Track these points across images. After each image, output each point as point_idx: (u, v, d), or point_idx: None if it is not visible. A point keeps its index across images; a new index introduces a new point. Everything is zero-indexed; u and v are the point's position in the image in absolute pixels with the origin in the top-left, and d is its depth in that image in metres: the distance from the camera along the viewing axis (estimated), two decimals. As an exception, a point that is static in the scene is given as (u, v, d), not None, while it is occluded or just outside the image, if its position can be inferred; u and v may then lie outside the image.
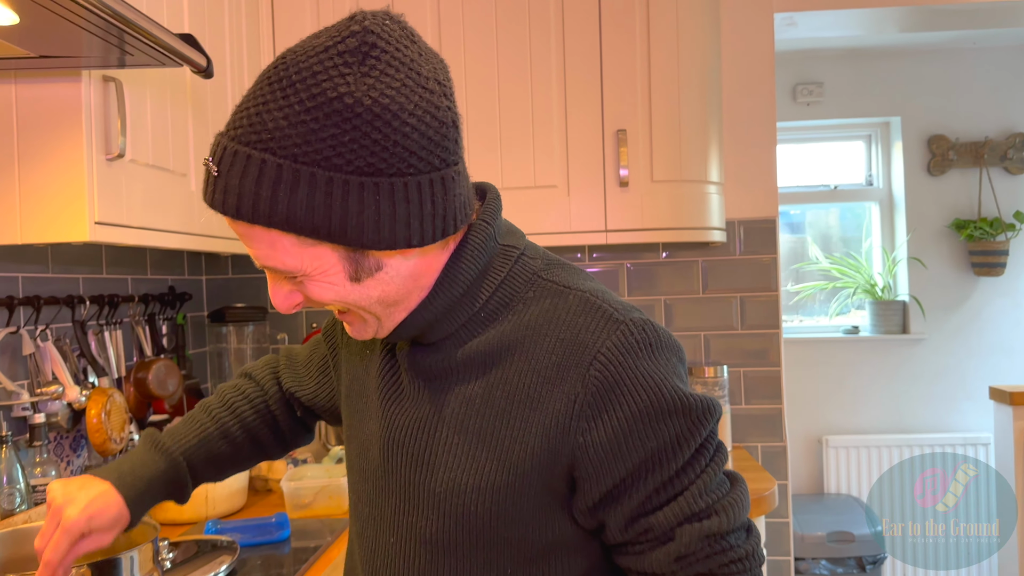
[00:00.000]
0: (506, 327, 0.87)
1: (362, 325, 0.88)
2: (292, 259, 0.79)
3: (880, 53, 3.82)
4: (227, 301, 2.62)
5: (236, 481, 1.91)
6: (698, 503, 0.82)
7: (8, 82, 1.42)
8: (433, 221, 0.79)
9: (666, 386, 0.82)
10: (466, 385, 0.87)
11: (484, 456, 0.84)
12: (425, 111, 0.77)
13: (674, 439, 0.82)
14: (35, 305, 1.74)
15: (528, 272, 0.90)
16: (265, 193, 0.75)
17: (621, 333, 0.83)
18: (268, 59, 2.23)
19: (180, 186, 1.75)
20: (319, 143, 0.74)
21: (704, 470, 0.84)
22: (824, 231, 4.12)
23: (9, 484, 1.57)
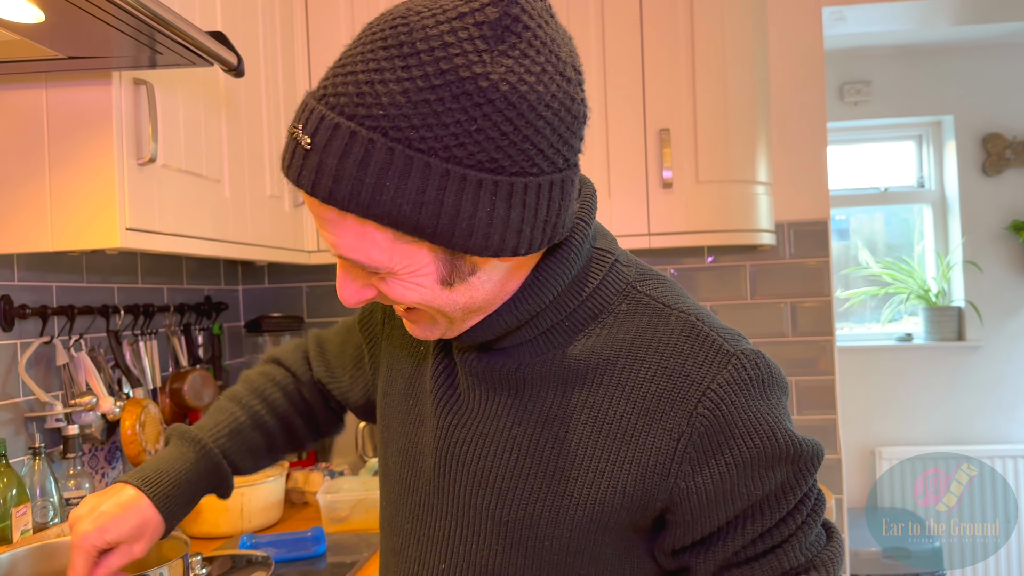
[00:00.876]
0: (595, 342, 0.77)
1: (430, 326, 0.78)
2: (382, 255, 0.69)
3: (930, 50, 3.69)
4: (263, 311, 2.59)
5: (272, 494, 1.87)
6: (796, 558, 0.77)
7: (39, 86, 1.39)
8: (544, 229, 0.70)
9: (780, 430, 0.75)
10: (542, 403, 0.78)
11: (563, 487, 0.76)
12: (561, 104, 0.67)
13: (780, 487, 0.76)
14: (69, 315, 1.71)
15: (622, 282, 0.80)
16: (370, 180, 0.64)
17: (733, 368, 0.74)
18: (302, 59, 2.20)
19: (214, 192, 1.71)
20: (441, 129, 0.63)
21: (805, 521, 0.77)
22: (870, 237, 3.99)
23: (42, 497, 1.54)
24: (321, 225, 0.70)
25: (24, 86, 1.39)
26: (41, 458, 1.55)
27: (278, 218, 2.05)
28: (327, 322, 2.59)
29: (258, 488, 1.83)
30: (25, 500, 1.47)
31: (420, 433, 0.87)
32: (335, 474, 2.15)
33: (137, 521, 0.93)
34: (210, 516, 1.79)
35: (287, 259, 2.12)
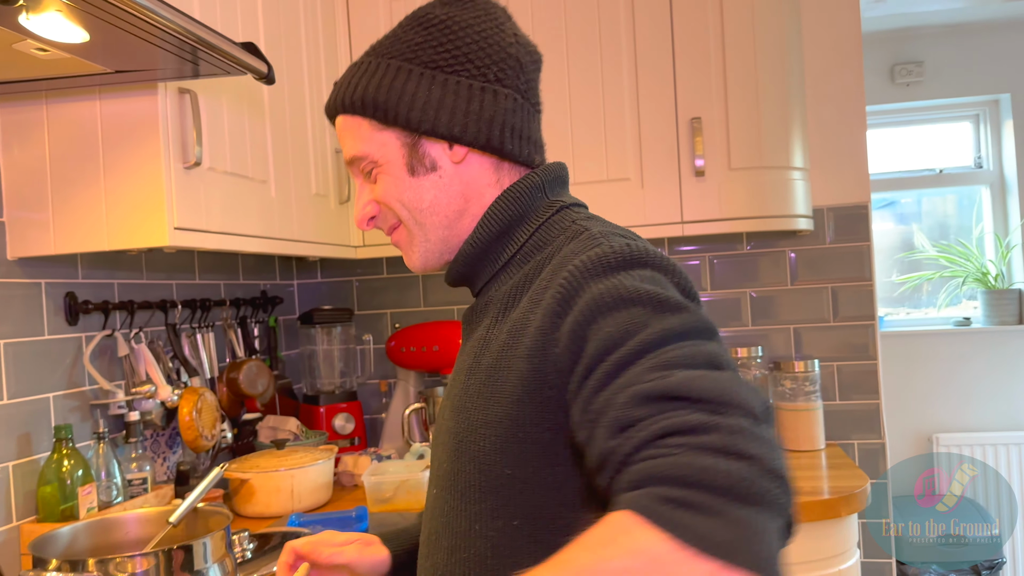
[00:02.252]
0: (529, 267, 0.91)
1: (409, 244, 0.98)
2: (365, 144, 0.96)
3: (984, 27, 3.60)
4: (316, 304, 2.70)
5: (320, 475, 1.97)
6: (648, 375, 0.67)
7: (93, 98, 1.51)
8: (478, 123, 0.93)
9: (631, 283, 0.75)
10: (487, 329, 0.92)
11: (489, 391, 0.85)
12: (488, 34, 0.94)
13: (634, 327, 0.71)
14: (129, 309, 1.84)
15: (567, 220, 0.93)
16: (354, 81, 0.96)
17: (598, 249, 0.81)
18: (345, 65, 2.29)
19: (260, 192, 1.82)
20: (401, 45, 0.94)
21: (668, 354, 0.69)
22: (942, 219, 3.91)
23: (107, 478, 1.67)
24: (341, 142, 0.99)
25: (79, 99, 1.51)
26: (105, 442, 1.67)
27: (324, 215, 2.15)
28: (376, 314, 2.70)
29: (308, 470, 1.93)
30: (90, 480, 1.59)
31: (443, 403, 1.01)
32: (382, 458, 2.25)
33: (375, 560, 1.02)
34: (263, 497, 1.90)
35: (334, 254, 2.22)
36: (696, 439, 0.61)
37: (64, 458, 1.57)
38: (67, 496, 1.56)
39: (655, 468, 0.60)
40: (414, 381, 2.50)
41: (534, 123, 0.99)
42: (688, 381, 0.65)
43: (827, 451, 2.38)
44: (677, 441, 0.61)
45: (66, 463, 1.57)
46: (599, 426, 0.69)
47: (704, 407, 0.63)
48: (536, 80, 1.00)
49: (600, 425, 0.69)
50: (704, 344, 0.71)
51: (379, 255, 2.36)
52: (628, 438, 0.64)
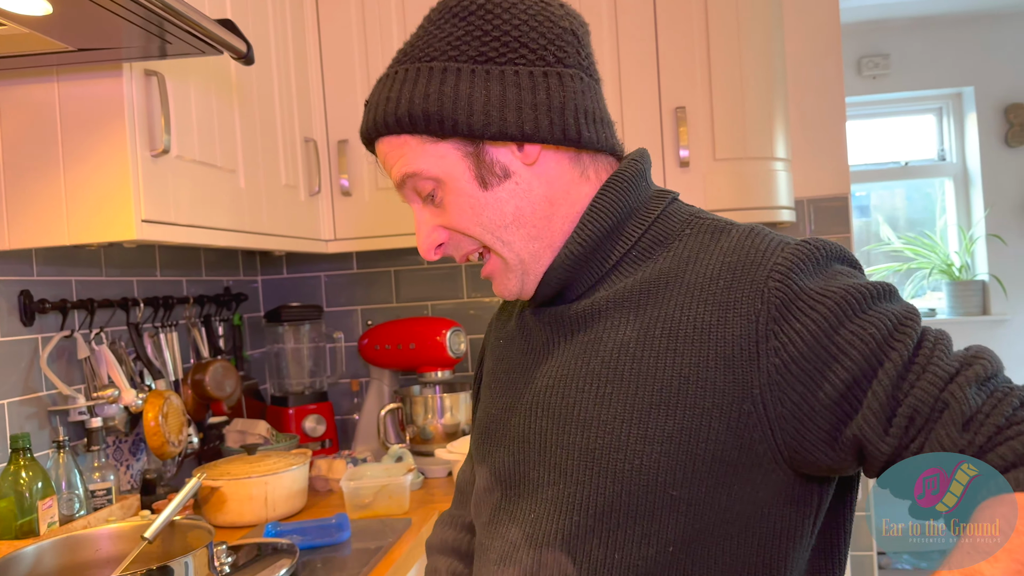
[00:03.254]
0: (663, 264, 0.81)
1: (504, 271, 0.86)
2: (420, 160, 0.83)
3: (949, 20, 3.63)
4: (282, 300, 2.59)
5: (295, 482, 1.87)
6: (950, 364, 0.70)
7: (50, 79, 1.39)
8: (549, 114, 0.81)
9: (850, 283, 0.74)
10: (618, 331, 0.80)
11: (647, 401, 0.75)
12: (536, 10, 0.82)
13: (892, 319, 0.72)
14: (89, 308, 1.72)
15: (685, 213, 0.86)
16: (392, 95, 0.83)
17: (793, 247, 0.76)
18: (313, 46, 2.19)
19: (229, 182, 1.71)
20: (439, 42, 0.82)
21: (937, 341, 0.72)
22: (891, 213, 3.94)
23: (68, 489, 1.55)
24: (387, 170, 0.86)
25: (35, 80, 1.39)
26: (65, 451, 1.56)
27: (294, 208, 2.05)
28: (346, 311, 2.60)
29: (282, 476, 1.83)
30: (51, 493, 1.48)
31: (507, 404, 0.89)
32: (358, 461, 2.16)
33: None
34: (235, 505, 1.80)
35: (304, 248, 2.12)
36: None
37: (22, 469, 1.45)
38: (25, 510, 1.45)
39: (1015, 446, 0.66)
40: (388, 380, 2.41)
41: (602, 100, 0.88)
42: (985, 362, 0.70)
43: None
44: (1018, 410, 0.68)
45: (24, 475, 1.45)
46: (934, 426, 0.69)
47: (1008, 379, 0.71)
48: (591, 50, 0.89)
49: (937, 424, 0.69)
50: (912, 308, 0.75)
51: (350, 249, 2.27)
52: (979, 426, 0.67)
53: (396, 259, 2.57)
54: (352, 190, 2.22)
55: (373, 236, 2.23)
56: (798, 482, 0.76)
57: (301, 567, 1.49)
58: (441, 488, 2.07)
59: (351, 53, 2.19)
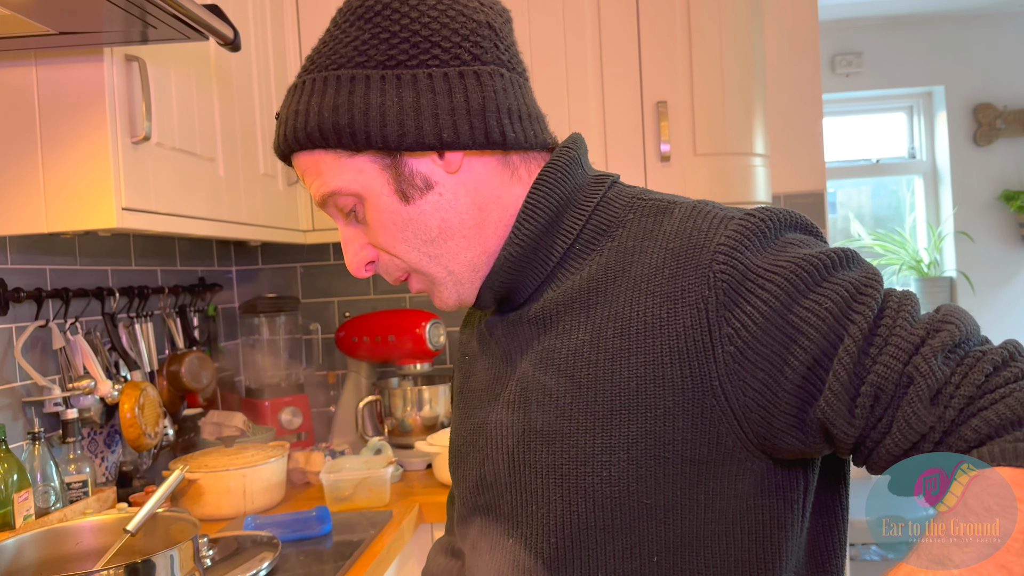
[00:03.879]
0: (608, 256, 0.76)
1: (434, 285, 0.82)
2: (336, 176, 0.78)
3: (921, 20, 3.68)
4: (257, 291, 2.56)
5: (274, 475, 1.86)
6: (914, 333, 0.65)
7: (28, 63, 1.36)
8: (469, 118, 0.75)
9: (800, 253, 0.69)
10: (570, 336, 0.75)
11: (607, 408, 0.71)
12: (448, 5, 0.77)
13: (843, 293, 0.67)
14: (64, 298, 1.69)
15: (627, 196, 0.80)
16: (301, 108, 0.78)
17: (736, 224, 0.71)
18: (292, 33, 2.16)
19: (207, 171, 1.69)
20: (344, 48, 0.77)
21: (901, 307, 0.67)
22: (856, 210, 4.00)
23: (43, 482, 1.52)
24: (306, 184, 0.82)
25: (12, 64, 1.36)
26: (41, 443, 1.53)
27: (272, 197, 2.02)
28: (323, 302, 2.58)
29: (260, 469, 1.82)
30: (27, 486, 1.45)
31: (475, 424, 0.86)
32: (336, 454, 2.14)
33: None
34: (212, 498, 1.78)
35: (282, 239, 2.10)
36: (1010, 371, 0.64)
37: (-4, 462, 1.42)
38: (1, 503, 1.42)
39: (999, 417, 0.62)
40: (366, 372, 2.39)
41: (528, 94, 0.83)
42: (953, 327, 0.65)
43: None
44: (999, 383, 0.63)
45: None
46: (899, 404, 0.65)
47: (983, 341, 0.67)
48: (513, 40, 0.85)
49: (902, 401, 0.65)
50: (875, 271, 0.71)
51: (328, 240, 2.25)
52: (949, 399, 0.63)
53: (374, 250, 2.55)
54: (331, 180, 2.19)
55: (352, 227, 2.21)
56: (777, 469, 0.73)
57: (283, 560, 1.48)
58: (420, 480, 2.06)
59: (331, 42, 2.17)
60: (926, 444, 0.64)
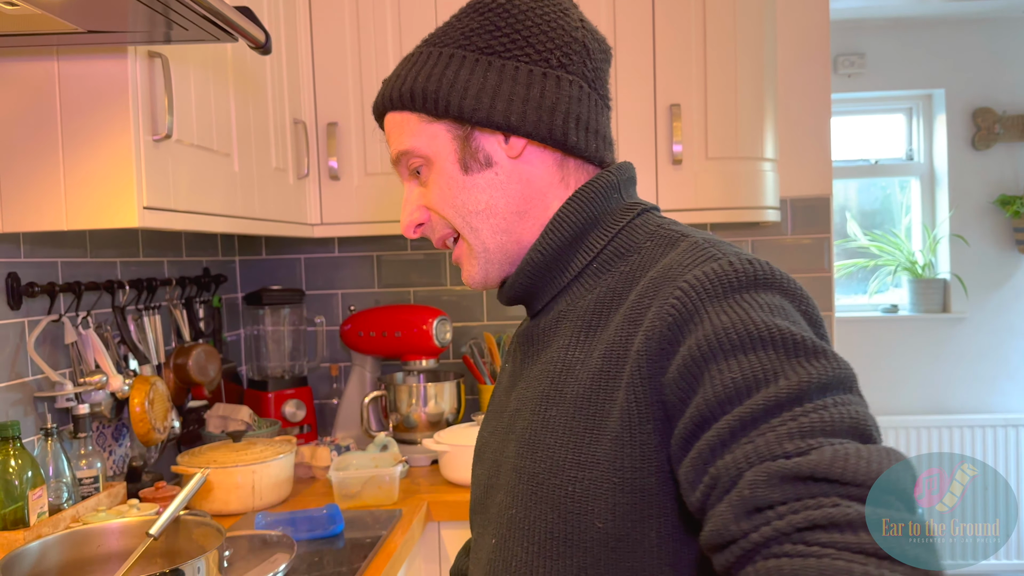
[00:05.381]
0: (616, 280, 0.80)
1: (469, 257, 0.88)
2: (413, 137, 0.86)
3: (924, 22, 3.69)
4: (261, 282, 2.55)
5: (283, 471, 1.86)
6: (783, 445, 0.59)
7: (50, 58, 1.34)
8: (538, 111, 0.83)
9: (758, 315, 0.66)
10: (567, 352, 0.80)
11: (582, 427, 0.73)
12: (552, 16, 0.85)
13: (765, 374, 0.63)
14: (76, 291, 1.67)
15: (652, 225, 0.83)
16: (403, 73, 0.87)
17: (717, 265, 0.70)
18: (305, 38, 2.15)
19: (223, 167, 1.68)
20: (455, 32, 0.86)
21: (809, 414, 0.60)
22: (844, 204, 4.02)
23: (56, 478, 1.52)
24: (389, 142, 0.90)
25: (34, 58, 1.34)
26: (53, 439, 1.52)
27: (283, 191, 2.01)
28: (327, 294, 2.57)
29: (270, 465, 1.82)
30: (41, 483, 1.44)
31: (493, 428, 0.90)
32: (342, 449, 2.15)
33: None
34: (221, 494, 1.78)
35: (291, 233, 2.09)
36: (845, 538, 0.52)
37: (11, 458, 1.42)
38: (14, 499, 1.41)
39: (796, 572, 0.52)
40: (371, 367, 2.39)
41: (603, 117, 0.89)
42: (835, 460, 0.56)
43: (784, 440, 2.40)
44: (823, 538, 0.53)
45: (13, 463, 1.42)
46: (723, 498, 0.60)
47: (855, 495, 0.54)
48: (606, 72, 0.90)
49: (725, 498, 0.59)
50: (847, 401, 0.62)
51: (336, 235, 2.24)
52: (763, 522, 0.56)
53: (379, 244, 2.54)
54: (340, 174, 2.18)
55: (359, 222, 2.20)
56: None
57: (297, 561, 1.48)
58: (426, 478, 2.07)
59: (342, 34, 2.15)
60: (731, 553, 0.58)
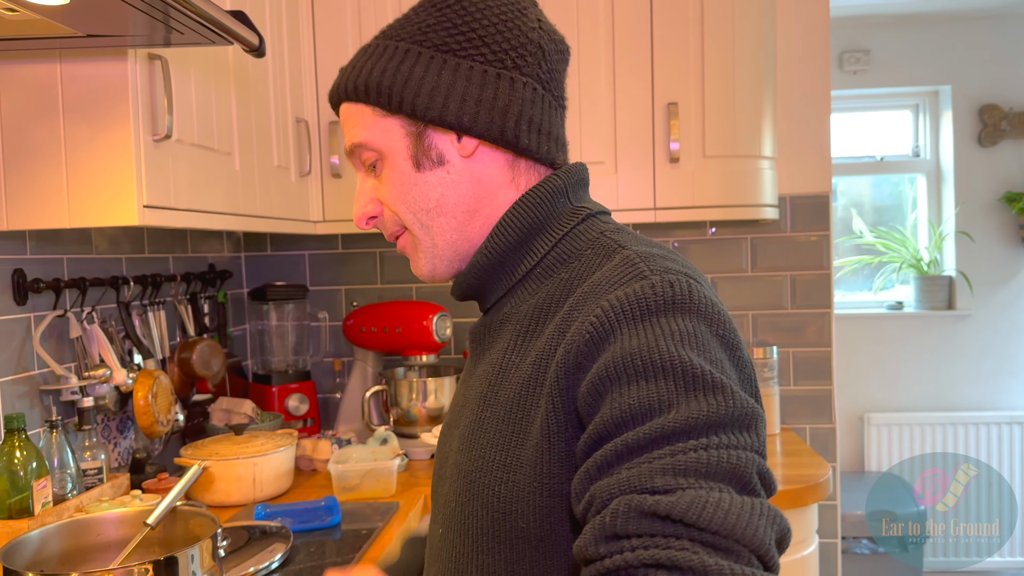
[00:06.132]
0: (556, 286, 0.82)
1: (415, 250, 0.89)
2: (368, 131, 0.87)
3: (930, 19, 3.68)
4: (266, 278, 2.59)
5: (283, 463, 1.90)
6: (653, 479, 0.61)
7: (52, 61, 1.38)
8: (491, 112, 0.84)
9: (665, 343, 0.67)
10: (505, 355, 0.83)
11: (510, 430, 0.77)
12: (508, 16, 0.85)
13: (658, 404, 0.64)
14: (81, 287, 1.72)
15: (595, 231, 0.85)
16: (359, 64, 0.88)
17: (640, 285, 0.71)
18: (307, 37, 2.18)
19: (224, 165, 1.71)
20: (412, 26, 0.86)
21: (689, 452, 0.62)
22: (856, 200, 4.02)
23: (60, 469, 1.56)
24: (344, 132, 0.91)
25: (35, 61, 1.38)
26: (58, 431, 1.56)
27: (285, 189, 2.05)
28: (330, 290, 2.61)
29: (270, 457, 1.85)
30: (45, 473, 1.48)
31: (448, 422, 0.93)
32: (343, 442, 2.18)
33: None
34: (223, 485, 1.82)
35: (293, 230, 2.12)
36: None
37: (16, 449, 1.46)
38: (19, 489, 1.45)
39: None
40: (372, 362, 2.43)
41: (556, 118, 0.89)
42: (692, 505, 0.57)
43: (782, 436, 2.42)
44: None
45: (18, 454, 1.46)
46: (591, 515, 0.63)
47: (707, 541, 0.57)
48: (562, 73, 0.91)
49: (593, 519, 0.62)
50: (734, 443, 0.63)
51: (337, 231, 2.27)
52: (616, 551, 0.59)
53: (381, 241, 2.57)
54: (342, 171, 2.22)
55: (362, 219, 2.23)
56: None
57: (293, 551, 1.52)
58: (425, 471, 2.10)
59: (344, 32, 2.19)
60: (590, 570, 0.61)
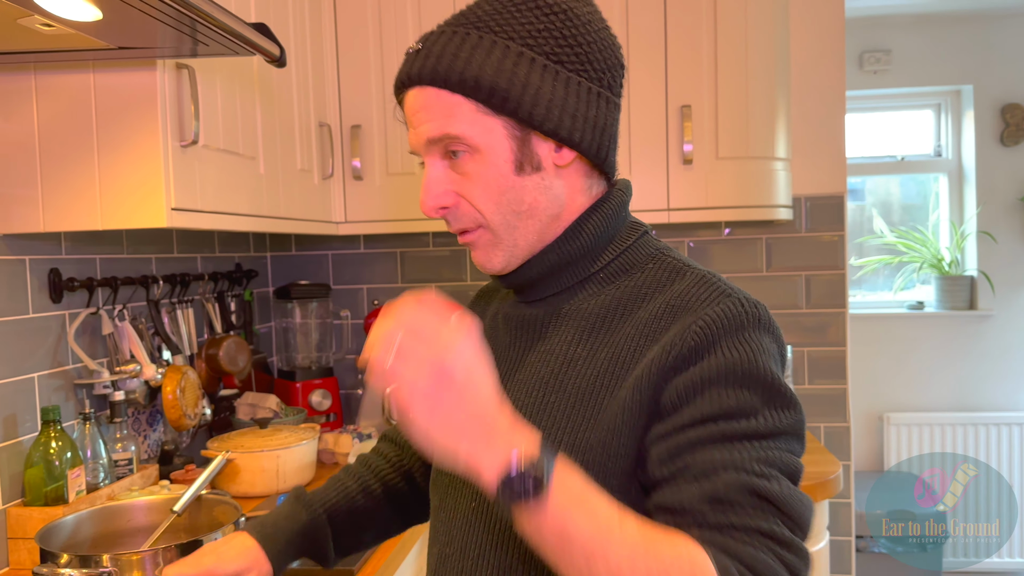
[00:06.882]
0: (621, 292, 0.89)
1: (492, 246, 0.90)
2: (466, 125, 0.85)
3: (951, 18, 3.67)
4: (291, 277, 2.67)
5: (305, 456, 1.97)
6: (753, 465, 0.75)
7: (86, 72, 1.45)
8: (593, 130, 0.88)
9: (761, 359, 0.80)
10: (570, 347, 0.88)
11: (580, 415, 0.83)
12: (604, 35, 0.89)
13: (751, 408, 0.77)
14: (113, 286, 1.79)
15: (652, 248, 0.93)
16: (464, 54, 0.84)
17: (730, 303, 0.82)
18: (330, 47, 2.25)
19: (249, 169, 1.78)
20: (518, 25, 0.85)
21: (772, 451, 0.77)
22: (884, 198, 4.02)
23: (93, 459, 1.63)
24: (415, 121, 0.87)
25: (71, 71, 1.45)
26: (91, 422, 1.64)
27: (308, 191, 2.11)
28: (352, 289, 2.67)
29: (293, 450, 1.92)
30: (79, 463, 1.56)
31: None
32: (363, 437, 2.25)
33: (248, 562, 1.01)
34: (247, 476, 1.89)
35: (316, 231, 2.19)
36: (780, 551, 0.73)
37: (52, 440, 1.54)
38: (55, 477, 1.53)
39: (744, 552, 0.71)
40: (393, 359, 2.48)
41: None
42: (787, 496, 0.75)
43: (796, 434, 2.45)
44: (767, 544, 0.72)
45: (54, 445, 1.54)
46: (692, 481, 0.75)
47: (790, 525, 0.74)
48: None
49: (694, 481, 0.75)
50: (793, 448, 0.79)
51: (359, 232, 2.34)
52: (723, 513, 0.73)
53: (402, 241, 2.64)
54: (363, 174, 2.28)
55: (382, 220, 2.30)
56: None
57: (313, 539, 1.58)
58: (442, 465, 2.16)
59: (366, 39, 2.25)
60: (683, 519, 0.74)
